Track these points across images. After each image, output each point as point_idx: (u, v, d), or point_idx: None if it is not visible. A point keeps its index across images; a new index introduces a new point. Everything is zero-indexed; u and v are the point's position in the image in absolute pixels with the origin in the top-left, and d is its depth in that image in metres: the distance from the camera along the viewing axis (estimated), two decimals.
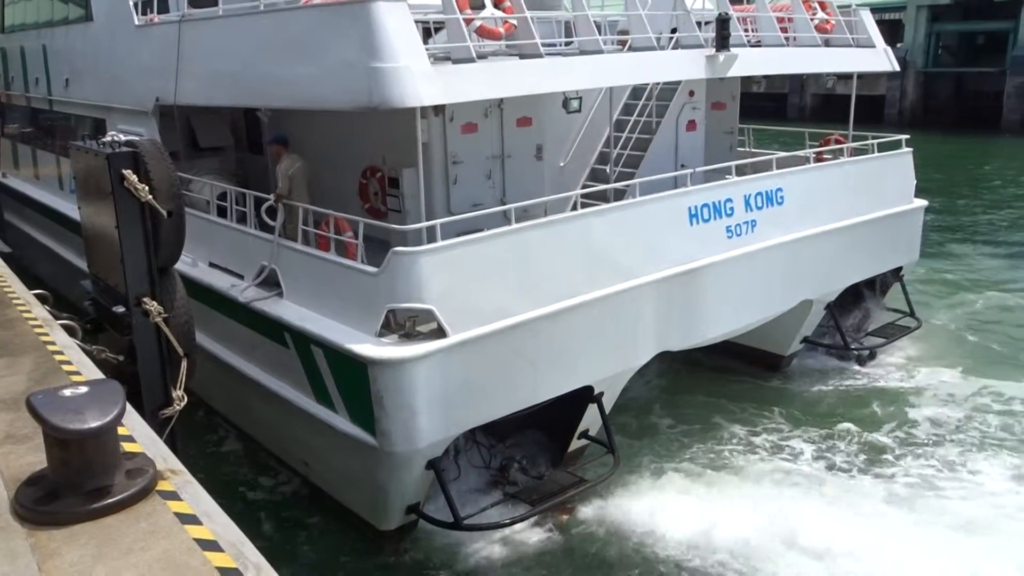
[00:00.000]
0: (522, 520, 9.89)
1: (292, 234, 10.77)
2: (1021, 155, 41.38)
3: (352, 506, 10.45)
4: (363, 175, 13.06)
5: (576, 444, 11.45)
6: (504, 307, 9.51)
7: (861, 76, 15.60)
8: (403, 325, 9.25)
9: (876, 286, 15.89)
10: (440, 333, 9.11)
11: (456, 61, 9.56)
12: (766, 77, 50.79)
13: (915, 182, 15.27)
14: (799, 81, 53.46)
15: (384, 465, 9.37)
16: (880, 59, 15.10)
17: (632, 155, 14.35)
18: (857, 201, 13.94)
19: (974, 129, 47.05)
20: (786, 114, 53.57)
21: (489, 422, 9.96)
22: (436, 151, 12.02)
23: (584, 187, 13.77)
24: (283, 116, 14.44)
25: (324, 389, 9.88)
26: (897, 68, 15.69)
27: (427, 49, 9.56)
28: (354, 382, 9.25)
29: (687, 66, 11.85)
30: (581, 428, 11.20)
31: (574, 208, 11.15)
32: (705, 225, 11.65)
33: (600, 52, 10.83)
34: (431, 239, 9.24)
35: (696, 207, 11.53)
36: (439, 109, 11.83)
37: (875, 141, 14.70)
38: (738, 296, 12.18)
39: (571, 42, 11.31)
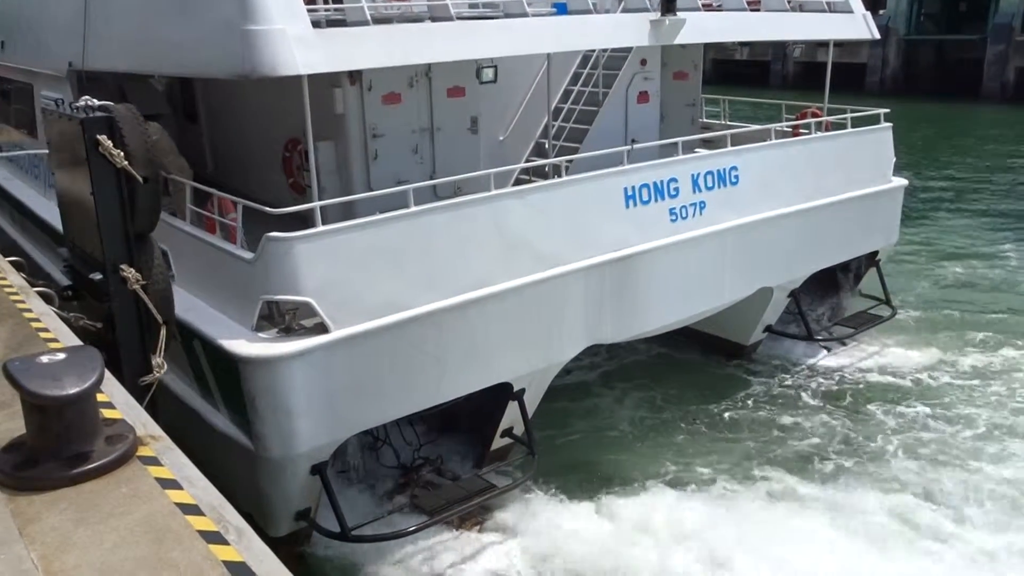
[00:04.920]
0: (417, 532, 8.53)
1: (182, 213, 9.43)
2: (1000, 123, 39.60)
3: (246, 509, 9.17)
4: (285, 148, 11.63)
5: (503, 442, 10.13)
6: (400, 299, 8.13)
7: (840, 44, 13.87)
8: (284, 318, 7.92)
9: (851, 271, 14.17)
10: (323, 328, 7.79)
11: (351, 24, 8.13)
12: (747, 44, 48.94)
13: (894, 159, 13.40)
14: (782, 48, 51.39)
15: (263, 470, 8.09)
16: (858, 26, 13.14)
17: (576, 129, 12.66)
18: (825, 181, 12.21)
19: (955, 97, 45.03)
20: (769, 81, 51.58)
21: (406, 417, 8.74)
22: (353, 123, 10.50)
23: (528, 162, 12.36)
24: (210, 84, 13.06)
25: (207, 386, 8.59)
26: (877, 36, 13.70)
27: (326, 12, 8.17)
28: (230, 381, 7.97)
29: (627, 32, 10.19)
30: (505, 426, 9.82)
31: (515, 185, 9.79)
32: (644, 207, 10.11)
33: (524, 15, 9.32)
34: (330, 220, 7.94)
35: (633, 188, 9.97)
36: (355, 77, 10.36)
37: (852, 115, 12.89)
38: (682, 284, 10.64)
39: (497, 4, 9.78)
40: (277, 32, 7.42)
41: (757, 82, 49.75)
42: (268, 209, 8.01)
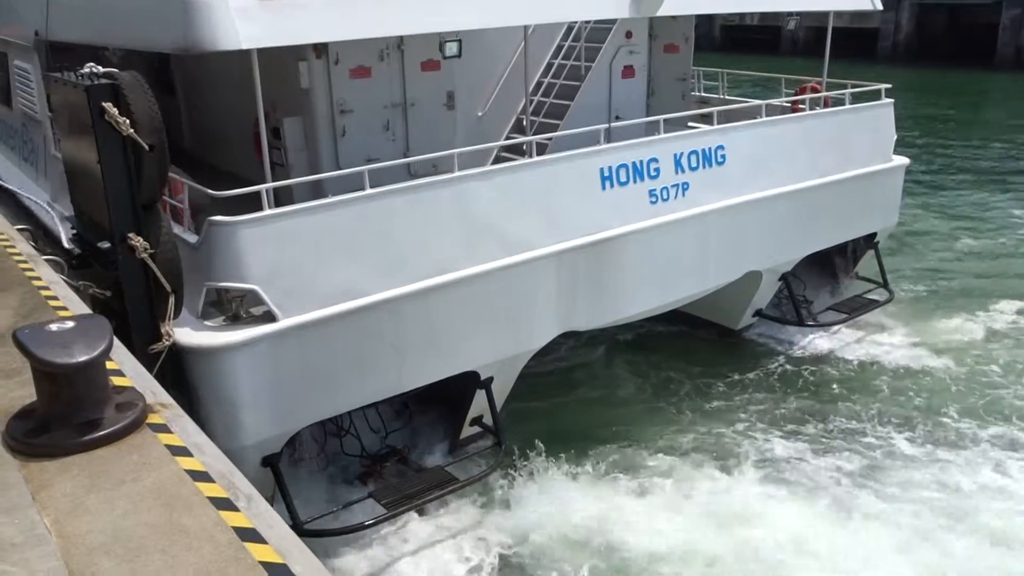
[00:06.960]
0: (373, 526, 8.14)
1: None
2: (1014, 90, 38.33)
3: None
4: (255, 123, 11.11)
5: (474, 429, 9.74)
6: (355, 286, 7.70)
7: (841, 13, 13.03)
8: (232, 306, 7.52)
9: (848, 254, 13.52)
10: (271, 316, 7.37)
11: None
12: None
13: (895, 137, 12.63)
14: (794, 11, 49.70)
15: None
16: None
17: (556, 104, 11.97)
18: (819, 160, 11.51)
19: (968, 63, 43.63)
20: (780, 47, 50.17)
21: (372, 404, 8.47)
22: (320, 99, 10.00)
23: (508, 140, 11.78)
24: (186, 57, 12.51)
25: None
26: (880, 7, 12.79)
27: None
28: (175, 369, 7.53)
29: (606, 3, 9.55)
30: (474, 414, 9.42)
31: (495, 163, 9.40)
32: (622, 189, 9.54)
33: None
34: (277, 205, 7.48)
35: (611, 168, 9.40)
36: (321, 50, 9.80)
37: (852, 91, 12.11)
38: (663, 269, 10.10)
39: None
40: (218, 4, 6.92)
41: (768, 48, 48.49)
42: (211, 192, 7.55)
